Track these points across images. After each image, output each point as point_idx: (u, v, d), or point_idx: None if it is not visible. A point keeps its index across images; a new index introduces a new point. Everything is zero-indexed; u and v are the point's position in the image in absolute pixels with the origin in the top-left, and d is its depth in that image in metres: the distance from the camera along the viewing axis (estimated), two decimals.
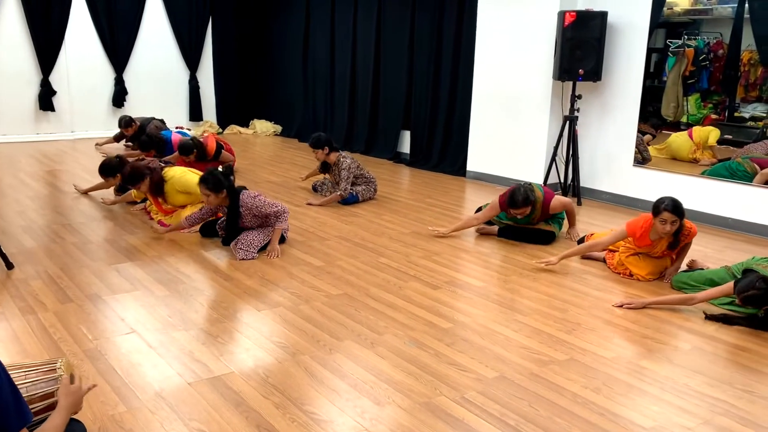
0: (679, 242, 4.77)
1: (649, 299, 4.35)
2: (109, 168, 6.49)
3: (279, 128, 12.21)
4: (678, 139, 7.03)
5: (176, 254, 5.11)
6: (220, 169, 5.31)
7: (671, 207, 4.56)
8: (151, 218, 5.99)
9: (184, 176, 5.77)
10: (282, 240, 5.34)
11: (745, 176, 6.31)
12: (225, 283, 4.54)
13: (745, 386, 3.31)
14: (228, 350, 3.51)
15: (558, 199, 5.68)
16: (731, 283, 4.09)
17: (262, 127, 12.22)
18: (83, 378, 3.16)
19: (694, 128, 6.85)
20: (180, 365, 3.33)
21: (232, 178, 5.38)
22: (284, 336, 3.70)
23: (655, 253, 4.83)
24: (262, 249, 5.17)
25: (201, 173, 5.36)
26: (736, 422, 2.97)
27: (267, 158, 9.64)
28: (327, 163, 6.97)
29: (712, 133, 6.72)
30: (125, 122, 9.29)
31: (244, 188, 5.23)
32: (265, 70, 12.45)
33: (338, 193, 6.76)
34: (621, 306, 4.29)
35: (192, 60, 11.80)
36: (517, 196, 5.43)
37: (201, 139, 7.85)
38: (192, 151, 7.50)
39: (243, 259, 5.00)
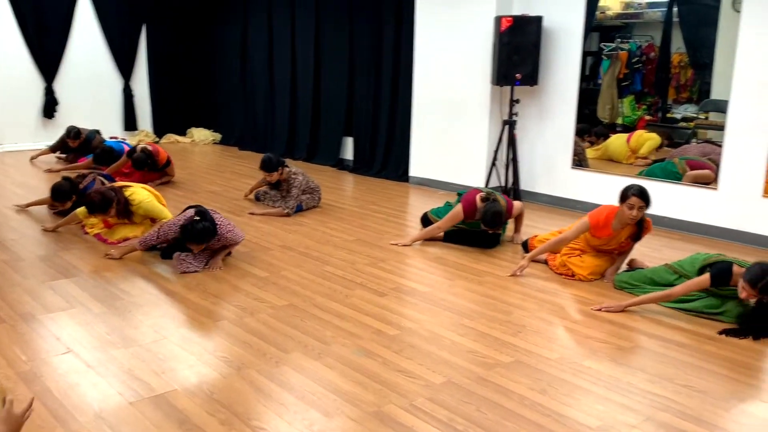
0: (641, 233, 4.90)
1: (627, 302, 4.40)
2: (62, 193, 6.14)
3: (218, 136, 12.07)
4: (616, 142, 7.23)
5: (114, 269, 5.02)
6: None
7: (638, 192, 4.72)
8: (86, 232, 5.86)
9: (151, 203, 5.65)
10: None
11: (676, 177, 6.53)
12: (166, 297, 4.48)
13: (685, 382, 3.42)
14: (170, 367, 3.47)
15: (516, 206, 5.82)
16: (706, 277, 4.18)
17: (201, 135, 12.07)
18: (19, 402, 3.08)
19: (635, 133, 7.03)
20: (120, 384, 3.28)
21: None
22: (229, 350, 3.67)
23: (611, 246, 4.94)
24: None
25: (161, 199, 5.53)
26: (678, 417, 3.06)
27: (207, 167, 9.54)
28: (279, 180, 6.94)
29: (648, 142, 6.92)
30: (74, 133, 8.96)
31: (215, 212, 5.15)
32: (202, 77, 12.31)
33: (285, 211, 6.70)
34: (600, 309, 4.36)
35: (125, 67, 11.58)
36: (495, 217, 5.44)
37: (151, 149, 7.77)
38: (146, 165, 7.38)
39: (184, 272, 4.94)
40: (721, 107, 6.16)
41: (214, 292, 4.58)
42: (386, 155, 9.13)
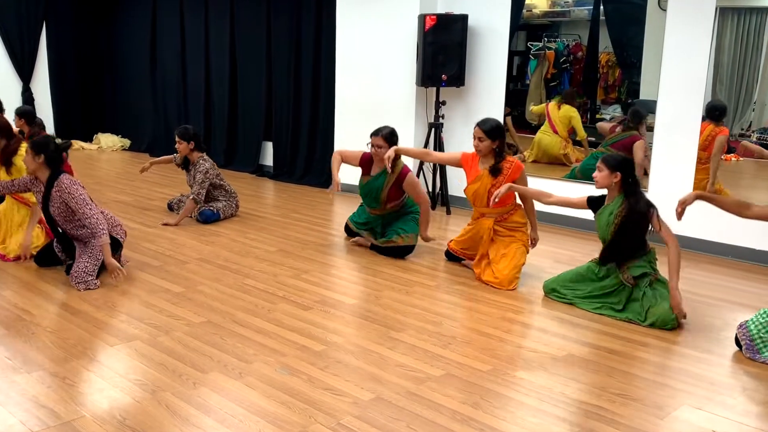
0: (500, 170, 5.11)
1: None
2: None
3: (127, 142, 11.84)
4: (545, 138, 7.34)
5: (12, 287, 4.83)
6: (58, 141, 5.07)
7: (481, 122, 5.14)
8: None
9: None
10: (117, 247, 5.11)
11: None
12: (71, 317, 4.33)
13: (619, 390, 3.51)
14: (78, 392, 3.35)
15: (413, 179, 5.76)
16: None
17: (108, 141, 11.80)
18: None
19: (551, 114, 7.11)
20: (23, 413, 3.15)
21: (65, 155, 5.10)
22: (142, 372, 3.58)
23: (486, 196, 5.15)
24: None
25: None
26: (612, 427, 3.14)
27: (115, 176, 9.31)
28: (188, 160, 6.80)
29: (574, 119, 7.01)
30: None
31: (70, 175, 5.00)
32: (109, 79, 12.05)
33: (191, 197, 6.60)
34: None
35: (25, 70, 11.21)
36: (392, 134, 5.73)
37: None
38: None
39: (87, 290, 4.78)
40: (651, 108, 6.33)
41: (124, 309, 4.46)
42: (308, 160, 9.10)
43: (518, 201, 5.31)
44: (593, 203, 4.69)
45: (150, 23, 11.06)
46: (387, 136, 5.69)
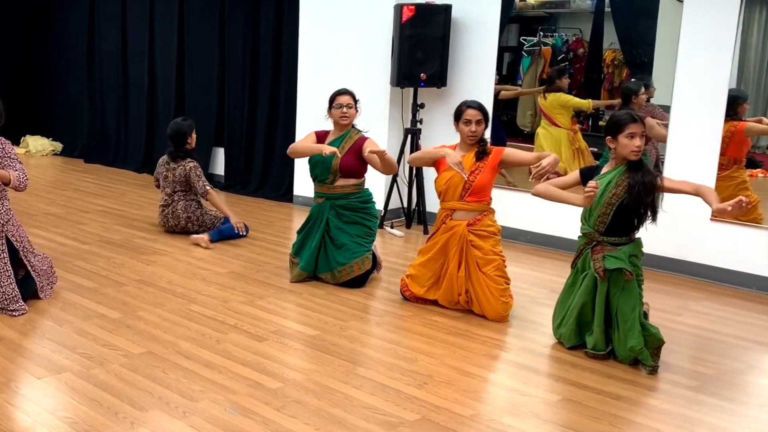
0: (486, 152, 5.10)
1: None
2: None
3: (59, 146, 11.76)
4: (547, 134, 7.09)
5: None
6: None
7: (475, 104, 5.11)
8: None
9: None
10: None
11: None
12: None
13: None
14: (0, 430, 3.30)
15: (373, 145, 5.57)
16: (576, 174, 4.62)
17: (38, 144, 11.72)
18: None
19: (543, 108, 6.97)
20: None
21: None
22: (73, 409, 3.53)
23: (460, 186, 5.09)
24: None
25: None
26: None
27: (45, 184, 9.23)
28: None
29: (562, 100, 6.83)
30: None
31: None
32: (39, 77, 11.97)
33: (209, 191, 6.81)
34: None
35: None
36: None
37: None
38: None
39: (18, 314, 4.70)
40: (647, 82, 6.29)
41: (54, 337, 4.41)
42: (265, 170, 9.08)
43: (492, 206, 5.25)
44: (586, 175, 4.56)
45: (87, 16, 11.01)
46: (354, 94, 5.77)
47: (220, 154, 9.65)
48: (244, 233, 6.86)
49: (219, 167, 9.67)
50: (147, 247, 6.45)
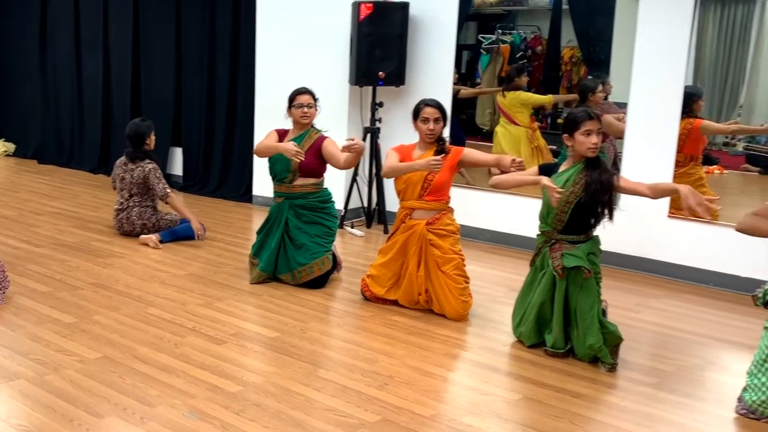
0: (445, 151, 5.11)
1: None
2: None
3: (12, 147, 11.58)
4: (506, 132, 7.12)
5: None
6: None
7: (433, 102, 5.14)
8: None
9: None
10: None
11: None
12: None
13: None
14: None
15: (333, 146, 5.59)
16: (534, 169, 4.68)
17: None
18: None
19: (501, 107, 7.00)
20: None
21: None
22: (26, 416, 3.49)
23: (416, 176, 5.08)
24: None
25: None
26: None
27: None
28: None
29: (522, 98, 6.86)
30: None
31: None
32: None
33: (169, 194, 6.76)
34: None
35: None
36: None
37: None
38: None
39: None
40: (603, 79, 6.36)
41: (6, 343, 4.35)
42: (224, 170, 9.03)
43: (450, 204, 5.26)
44: (545, 171, 4.59)
45: (39, 13, 10.85)
46: (314, 93, 5.79)
47: (178, 154, 9.58)
48: (203, 237, 6.81)
49: (177, 167, 9.59)
50: (103, 250, 6.38)
